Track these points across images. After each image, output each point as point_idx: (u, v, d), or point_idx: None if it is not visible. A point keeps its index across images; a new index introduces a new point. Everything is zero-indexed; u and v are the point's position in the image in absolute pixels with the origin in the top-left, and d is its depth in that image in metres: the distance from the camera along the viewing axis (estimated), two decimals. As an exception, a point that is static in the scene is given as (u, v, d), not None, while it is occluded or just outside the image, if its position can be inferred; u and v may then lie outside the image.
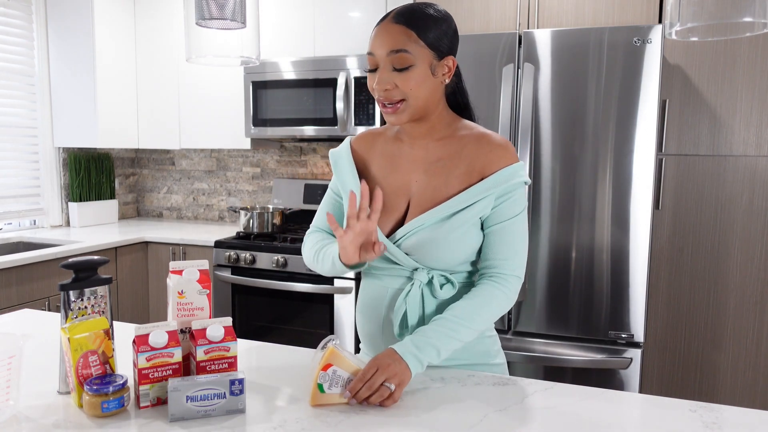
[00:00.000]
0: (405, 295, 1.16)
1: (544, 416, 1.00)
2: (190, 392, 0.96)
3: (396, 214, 1.20)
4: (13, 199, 3.31)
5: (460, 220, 1.13)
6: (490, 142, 1.16)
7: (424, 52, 1.10)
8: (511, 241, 1.15)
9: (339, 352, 1.02)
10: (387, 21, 1.12)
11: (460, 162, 1.17)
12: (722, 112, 2.40)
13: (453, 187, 1.16)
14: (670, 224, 2.50)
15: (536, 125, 2.29)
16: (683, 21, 1.02)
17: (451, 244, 1.14)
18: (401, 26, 1.10)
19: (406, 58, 1.09)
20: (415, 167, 1.20)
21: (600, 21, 2.48)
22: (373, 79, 1.13)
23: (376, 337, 1.24)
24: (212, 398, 0.97)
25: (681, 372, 2.54)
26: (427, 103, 1.14)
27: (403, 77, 1.10)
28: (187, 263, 1.13)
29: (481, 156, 1.15)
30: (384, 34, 1.11)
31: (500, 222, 1.15)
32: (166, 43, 3.48)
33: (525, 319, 2.37)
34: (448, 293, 1.17)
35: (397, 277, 1.19)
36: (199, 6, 1.29)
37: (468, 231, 1.14)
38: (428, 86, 1.12)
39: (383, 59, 1.11)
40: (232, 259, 2.97)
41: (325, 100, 2.99)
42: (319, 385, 1.00)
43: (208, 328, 1.05)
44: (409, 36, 1.09)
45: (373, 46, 1.12)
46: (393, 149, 1.24)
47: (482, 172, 1.15)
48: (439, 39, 1.12)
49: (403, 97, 1.11)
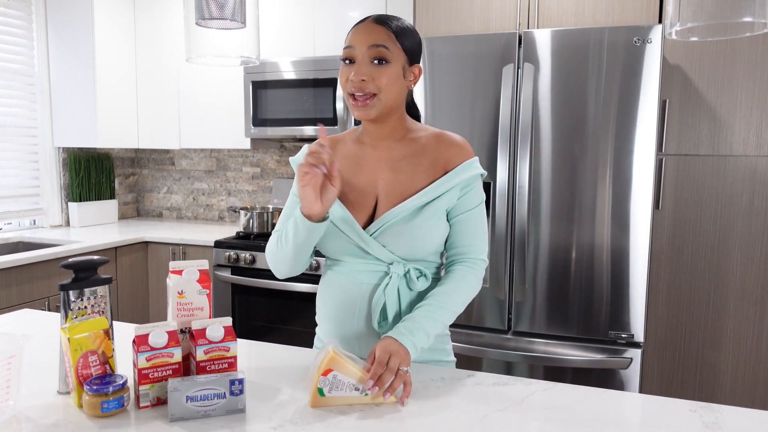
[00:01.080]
0: (384, 288, 1.20)
1: (544, 416, 1.00)
2: (190, 392, 0.96)
3: (366, 210, 1.23)
4: (13, 199, 3.31)
5: (431, 210, 1.20)
6: (449, 140, 1.25)
7: (399, 54, 1.17)
8: (476, 229, 1.25)
9: (339, 357, 1.02)
10: (368, 21, 1.19)
11: (423, 159, 1.24)
12: (722, 112, 2.40)
13: (420, 181, 1.22)
14: (670, 224, 2.50)
15: (536, 125, 2.29)
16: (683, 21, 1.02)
17: (425, 232, 1.20)
18: (382, 27, 1.17)
19: (385, 54, 1.15)
20: (380, 166, 1.25)
21: (600, 21, 2.48)
22: (348, 71, 1.17)
23: (348, 329, 1.25)
24: (212, 398, 0.97)
25: (681, 372, 2.54)
26: (394, 102, 1.20)
27: (379, 71, 1.15)
28: (187, 263, 1.13)
29: (442, 152, 1.24)
30: (366, 30, 1.17)
31: (465, 212, 1.24)
32: (166, 43, 3.48)
33: (525, 319, 2.37)
34: (423, 285, 1.23)
35: (373, 271, 1.22)
36: (198, 6, 1.29)
37: (439, 220, 1.22)
38: (398, 86, 1.18)
39: (363, 52, 1.16)
40: (232, 259, 2.97)
41: (324, 100, 2.99)
42: (319, 389, 1.01)
43: (208, 328, 1.05)
44: (389, 35, 1.16)
45: (353, 40, 1.17)
46: (356, 151, 1.28)
47: (445, 166, 1.23)
48: (412, 46, 1.20)
49: (376, 91, 1.16)
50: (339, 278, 1.26)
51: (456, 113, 2.39)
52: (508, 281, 2.38)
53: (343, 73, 1.18)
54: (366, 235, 1.20)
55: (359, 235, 1.20)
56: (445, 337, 1.32)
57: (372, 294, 1.22)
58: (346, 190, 1.24)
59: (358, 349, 1.24)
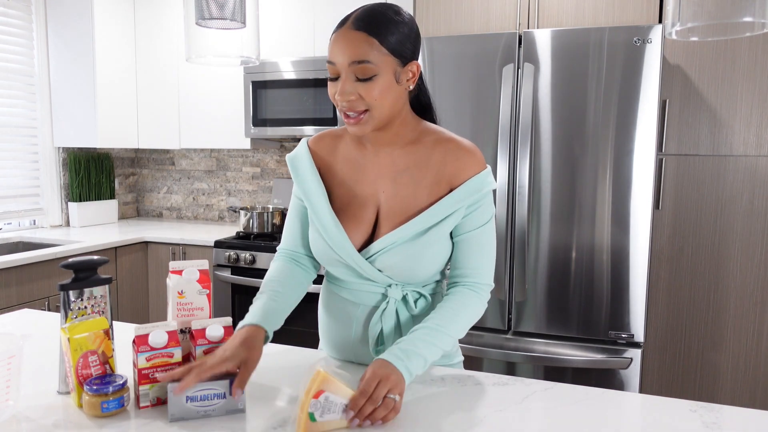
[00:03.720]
0: (381, 313, 1.15)
1: (544, 416, 1.00)
2: (190, 392, 0.96)
3: (365, 226, 1.16)
4: (13, 199, 3.31)
5: (435, 236, 1.11)
6: (456, 151, 1.13)
7: (387, 59, 1.04)
8: (482, 250, 1.14)
9: (330, 376, 0.93)
10: (346, 27, 1.04)
11: (427, 171, 1.13)
12: (722, 112, 2.40)
13: (422, 198, 1.13)
14: (670, 224, 2.50)
15: (536, 125, 2.29)
16: (683, 21, 1.02)
17: (426, 260, 1.12)
18: (362, 33, 1.02)
19: (369, 69, 1.02)
20: (381, 175, 1.16)
21: (600, 21, 2.48)
22: (334, 88, 1.06)
23: (346, 348, 1.23)
24: (212, 398, 0.97)
25: (681, 372, 2.54)
26: (391, 111, 1.09)
27: (366, 87, 1.03)
28: (187, 263, 1.13)
29: (449, 164, 1.12)
30: (344, 42, 1.03)
31: (471, 230, 1.13)
32: (166, 43, 3.48)
33: (525, 319, 2.37)
34: (422, 307, 1.18)
35: (370, 293, 1.17)
36: (199, 6, 1.29)
37: (442, 245, 1.13)
38: (392, 95, 1.06)
39: (345, 69, 1.03)
40: (232, 259, 2.97)
41: (324, 100, 2.99)
42: (310, 414, 0.91)
43: (208, 328, 1.05)
44: (371, 44, 1.02)
45: (333, 55, 1.05)
46: (356, 155, 1.19)
47: (451, 181, 1.12)
48: (402, 44, 1.06)
49: (367, 107, 1.05)
50: (335, 298, 1.22)
51: (456, 113, 2.39)
52: (508, 281, 2.38)
53: (330, 89, 1.08)
54: (362, 260, 1.13)
55: (354, 260, 1.13)
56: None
57: (369, 317, 1.18)
58: (346, 200, 1.17)
59: (356, 360, 1.23)
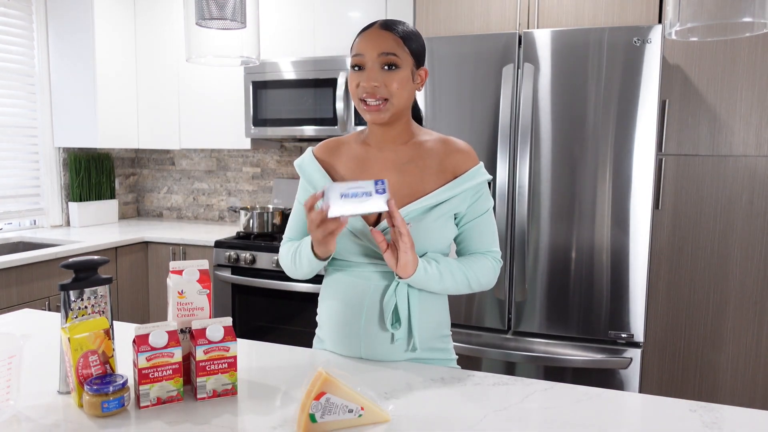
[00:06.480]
0: (395, 288, 1.21)
1: (544, 416, 1.00)
2: (343, 189, 1.05)
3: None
4: (13, 199, 3.31)
5: (440, 212, 1.23)
6: (455, 146, 1.28)
7: (408, 58, 1.21)
8: (489, 231, 1.30)
9: (332, 378, 0.95)
10: (376, 27, 1.22)
11: (430, 162, 1.26)
12: (722, 112, 2.40)
13: (429, 183, 1.25)
14: (670, 224, 2.50)
15: (536, 125, 2.29)
16: (683, 21, 1.02)
17: (434, 233, 1.22)
18: (390, 33, 1.20)
19: (395, 60, 1.19)
20: (386, 167, 1.27)
21: (600, 21, 2.48)
22: (359, 77, 1.21)
23: (353, 329, 1.25)
24: (361, 195, 1.06)
25: (681, 372, 2.54)
26: (405, 105, 1.23)
27: (390, 77, 1.19)
28: (187, 263, 1.13)
29: (449, 157, 1.27)
30: (374, 36, 1.20)
31: (478, 216, 1.28)
32: (166, 43, 3.48)
33: (525, 319, 2.37)
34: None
35: (381, 272, 1.24)
36: (199, 6, 1.29)
37: (447, 222, 1.25)
38: (408, 90, 1.22)
39: (373, 60, 1.19)
40: (232, 259, 2.97)
41: (325, 100, 2.99)
42: (311, 415, 0.93)
43: (208, 328, 1.05)
44: (397, 42, 1.20)
45: (362, 48, 1.20)
46: (361, 153, 1.30)
47: (454, 171, 1.26)
48: (418, 49, 1.24)
49: (387, 96, 1.19)
50: (346, 278, 1.26)
51: (456, 113, 2.39)
52: (508, 281, 2.38)
53: (353, 79, 1.22)
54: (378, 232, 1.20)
55: (368, 236, 1.21)
56: (446, 338, 1.32)
57: (382, 294, 1.23)
58: None
59: (363, 349, 1.24)
